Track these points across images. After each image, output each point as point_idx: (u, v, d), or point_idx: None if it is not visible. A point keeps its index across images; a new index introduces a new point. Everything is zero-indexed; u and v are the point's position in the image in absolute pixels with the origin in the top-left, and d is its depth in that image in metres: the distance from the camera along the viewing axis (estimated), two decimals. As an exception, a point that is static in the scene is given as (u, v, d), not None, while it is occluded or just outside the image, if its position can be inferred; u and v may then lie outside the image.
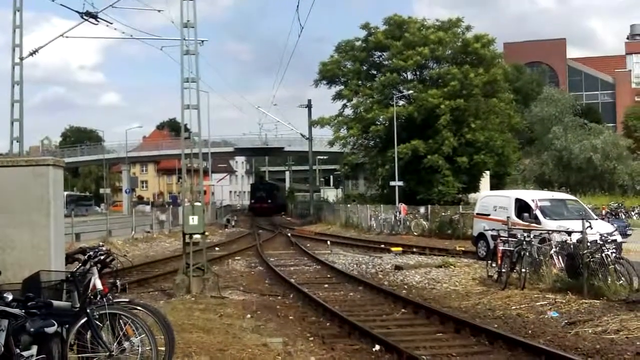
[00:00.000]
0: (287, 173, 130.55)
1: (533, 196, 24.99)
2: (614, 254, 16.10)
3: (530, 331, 12.82)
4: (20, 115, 22.52)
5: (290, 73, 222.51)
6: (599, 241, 16.12)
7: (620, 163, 68.19)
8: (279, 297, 18.31)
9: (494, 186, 53.67)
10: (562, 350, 10.98)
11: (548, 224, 21.83)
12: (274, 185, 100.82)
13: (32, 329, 6.65)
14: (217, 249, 33.69)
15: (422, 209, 45.03)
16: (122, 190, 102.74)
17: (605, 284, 15.18)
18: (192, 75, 18.96)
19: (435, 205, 46.33)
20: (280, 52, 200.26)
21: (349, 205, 59.08)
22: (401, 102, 54.91)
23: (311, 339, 12.64)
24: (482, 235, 25.36)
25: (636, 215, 46.45)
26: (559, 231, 19.30)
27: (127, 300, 8.32)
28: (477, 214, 27.59)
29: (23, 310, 6.83)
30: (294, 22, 53.15)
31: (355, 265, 25.75)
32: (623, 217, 39.71)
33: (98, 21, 24.80)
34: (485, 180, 55.25)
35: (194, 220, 18.26)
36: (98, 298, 7.74)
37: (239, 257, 29.94)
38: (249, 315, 14.78)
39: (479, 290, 17.80)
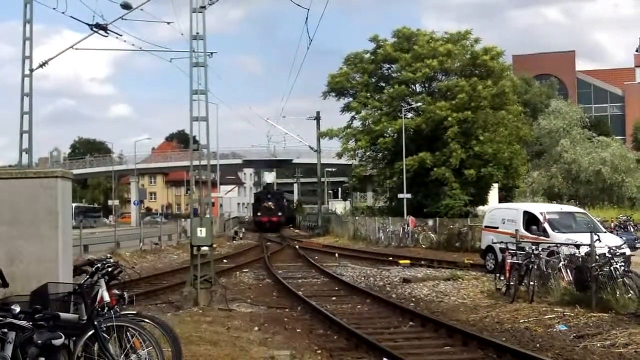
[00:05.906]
0: (296, 185, 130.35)
1: (541, 209, 24.94)
2: (622, 267, 16.04)
3: (538, 345, 12.77)
4: (30, 127, 22.59)
5: (299, 85, 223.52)
6: (607, 254, 16.08)
7: (629, 176, 67.95)
8: (287, 310, 18.30)
9: (502, 199, 53.60)
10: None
11: (556, 236, 21.75)
12: (282, 195, 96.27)
13: (39, 341, 6.66)
14: (225, 261, 33.68)
15: (430, 222, 44.94)
16: (130, 201, 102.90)
17: (613, 297, 15.10)
18: (201, 87, 19.02)
19: (444, 217, 46.19)
20: (290, 64, 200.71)
21: (357, 218, 59.02)
22: (409, 115, 54.94)
23: (319, 351, 12.61)
24: (490, 248, 25.33)
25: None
26: (568, 244, 19.24)
27: (134, 312, 8.32)
28: (486, 226, 27.54)
29: (30, 322, 6.84)
30: (303, 35, 53.48)
31: (363, 278, 25.72)
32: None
33: (108, 33, 24.87)
34: (493, 193, 55.17)
35: (202, 232, 18.25)
36: (105, 310, 7.72)
37: (246, 269, 29.93)
38: (256, 328, 14.77)
39: (487, 304, 17.74)
